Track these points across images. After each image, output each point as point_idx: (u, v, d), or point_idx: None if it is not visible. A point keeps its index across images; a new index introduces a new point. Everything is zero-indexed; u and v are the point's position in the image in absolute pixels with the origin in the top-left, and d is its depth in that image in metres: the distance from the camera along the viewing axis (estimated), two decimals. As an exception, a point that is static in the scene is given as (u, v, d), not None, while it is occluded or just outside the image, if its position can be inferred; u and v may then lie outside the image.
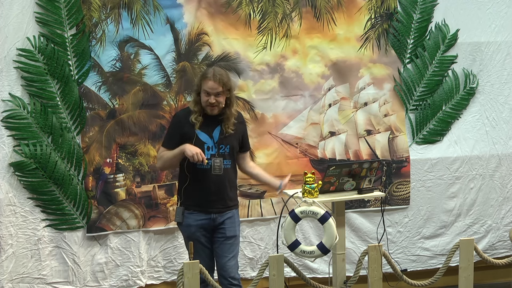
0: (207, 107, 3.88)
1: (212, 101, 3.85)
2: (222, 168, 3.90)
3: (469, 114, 5.26)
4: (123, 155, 4.66)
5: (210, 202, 3.92)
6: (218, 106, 3.89)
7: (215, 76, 3.86)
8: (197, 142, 3.88)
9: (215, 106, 3.87)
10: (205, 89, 3.86)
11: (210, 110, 3.89)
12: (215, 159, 3.89)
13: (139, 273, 4.72)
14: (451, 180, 5.23)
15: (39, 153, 4.43)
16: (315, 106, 4.99)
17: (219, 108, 3.90)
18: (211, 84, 3.85)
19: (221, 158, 3.91)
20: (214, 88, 3.85)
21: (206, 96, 3.87)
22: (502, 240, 5.35)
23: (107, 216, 4.64)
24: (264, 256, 4.93)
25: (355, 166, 3.97)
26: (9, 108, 4.40)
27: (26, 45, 4.40)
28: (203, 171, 3.89)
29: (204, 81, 3.88)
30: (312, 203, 3.80)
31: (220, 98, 3.88)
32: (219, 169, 3.89)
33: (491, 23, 5.23)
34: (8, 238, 4.45)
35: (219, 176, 3.90)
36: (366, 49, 5.04)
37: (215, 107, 3.88)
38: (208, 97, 3.86)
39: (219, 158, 3.90)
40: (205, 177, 3.89)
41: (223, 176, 3.92)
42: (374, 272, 3.95)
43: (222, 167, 3.90)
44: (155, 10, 4.65)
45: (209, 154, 3.90)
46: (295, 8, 4.88)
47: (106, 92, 4.62)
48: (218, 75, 3.87)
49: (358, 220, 5.09)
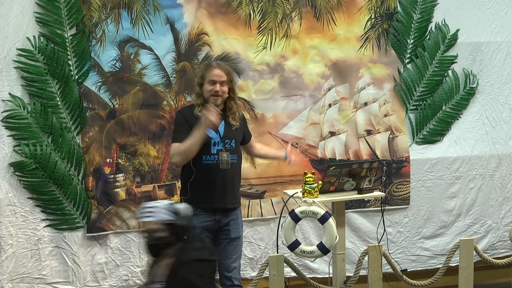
0: (211, 97, 3.88)
1: (217, 89, 3.86)
2: (229, 163, 3.89)
3: (469, 114, 5.26)
4: (123, 155, 4.66)
5: (217, 198, 3.90)
6: (222, 96, 3.89)
7: (219, 65, 3.94)
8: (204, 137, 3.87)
9: (219, 95, 3.88)
10: (211, 78, 3.88)
11: (214, 100, 3.87)
12: (223, 153, 3.89)
13: (139, 273, 4.72)
14: (451, 180, 5.23)
15: (39, 153, 4.43)
16: (315, 106, 4.99)
17: (223, 98, 3.90)
18: (217, 72, 3.88)
19: (228, 153, 3.91)
20: (220, 75, 3.87)
21: (211, 85, 3.87)
22: (502, 240, 5.35)
23: (107, 216, 4.64)
24: (264, 256, 4.93)
25: (355, 166, 3.97)
26: (9, 108, 4.40)
27: (26, 45, 4.40)
28: (210, 166, 3.87)
29: (208, 70, 3.91)
30: (312, 203, 3.80)
31: (225, 87, 3.89)
32: (227, 163, 3.88)
33: (491, 23, 5.23)
34: (8, 238, 4.45)
35: (226, 171, 3.89)
36: (366, 49, 5.04)
37: (219, 97, 3.88)
38: (213, 85, 3.87)
39: (226, 152, 3.90)
40: (212, 172, 3.88)
41: (229, 171, 3.91)
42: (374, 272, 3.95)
43: (229, 162, 3.89)
44: (155, 10, 4.66)
45: (216, 149, 3.89)
46: (295, 8, 4.88)
47: (106, 92, 4.62)
48: (222, 64, 3.97)
49: (358, 220, 5.09)
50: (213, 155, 3.87)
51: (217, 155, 3.87)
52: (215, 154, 3.87)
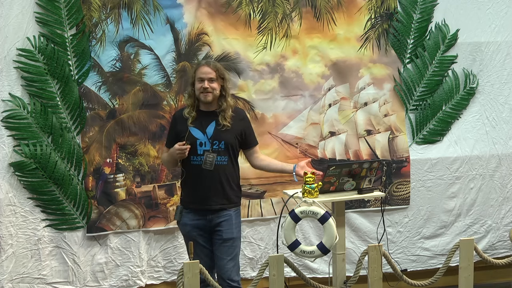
0: (201, 94, 3.89)
1: (205, 86, 3.86)
2: (213, 164, 3.87)
3: (469, 114, 5.26)
4: (123, 155, 4.66)
5: (205, 199, 3.91)
6: (213, 92, 3.89)
7: (208, 62, 3.97)
8: (189, 138, 3.88)
9: (209, 92, 3.87)
10: (199, 75, 3.90)
11: (204, 97, 3.88)
12: (208, 154, 3.88)
13: (139, 273, 4.72)
14: (451, 180, 5.23)
15: (39, 153, 4.43)
16: (315, 106, 4.99)
17: (213, 95, 3.89)
18: (204, 69, 3.90)
19: (215, 154, 3.89)
20: (207, 72, 3.88)
21: (200, 82, 3.89)
22: (502, 240, 5.35)
23: (107, 216, 4.64)
24: (264, 256, 4.93)
25: (355, 166, 3.97)
26: (9, 108, 4.40)
27: (26, 45, 4.40)
28: (196, 166, 3.89)
29: (198, 69, 3.94)
30: (312, 203, 3.80)
31: (214, 84, 3.89)
32: (210, 164, 3.88)
33: (491, 23, 5.23)
34: (8, 238, 4.45)
35: (213, 172, 3.89)
36: (366, 49, 5.04)
37: (209, 93, 3.88)
38: (202, 83, 3.88)
39: (212, 153, 3.90)
40: (198, 172, 3.89)
41: (217, 173, 3.90)
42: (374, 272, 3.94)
43: (213, 163, 3.87)
44: (155, 10, 4.65)
45: (202, 150, 3.90)
46: (295, 8, 4.88)
47: (106, 92, 4.62)
48: (211, 62, 3.99)
49: (358, 220, 5.09)
50: (199, 155, 3.89)
51: (203, 156, 3.89)
52: (202, 155, 3.89)
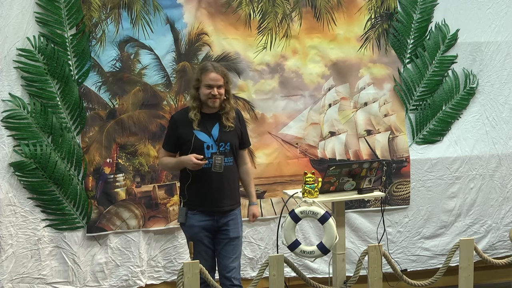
0: (209, 100, 3.88)
1: (215, 93, 3.87)
2: (222, 166, 3.89)
3: (469, 114, 5.26)
4: (123, 155, 4.66)
5: (213, 201, 3.91)
6: (220, 98, 3.90)
7: (216, 68, 3.92)
8: (196, 143, 3.88)
9: (217, 98, 3.89)
10: (207, 82, 3.87)
11: (212, 103, 3.89)
12: (217, 157, 3.89)
13: (139, 273, 4.72)
14: (451, 180, 5.23)
15: (39, 153, 4.43)
16: (315, 106, 4.99)
17: (220, 100, 3.91)
18: (213, 76, 3.87)
19: (222, 156, 3.91)
20: (217, 79, 3.87)
21: (208, 88, 3.88)
22: (502, 240, 5.35)
23: (107, 216, 4.64)
24: (264, 256, 4.93)
25: (355, 166, 3.97)
26: (9, 108, 4.40)
27: (26, 45, 4.40)
28: (205, 170, 3.88)
29: (205, 74, 3.89)
30: (312, 203, 3.80)
31: (222, 90, 3.90)
32: (220, 166, 3.89)
33: (491, 23, 5.23)
34: (8, 238, 4.44)
35: (221, 174, 3.90)
36: (366, 49, 5.04)
37: (217, 99, 3.89)
38: (211, 89, 3.87)
39: (220, 156, 3.90)
40: (207, 175, 3.89)
41: (224, 174, 3.91)
42: (374, 272, 3.95)
43: (222, 165, 3.89)
44: (155, 10, 4.65)
45: (210, 153, 3.90)
46: (295, 8, 4.88)
47: (106, 92, 4.62)
48: (218, 67, 3.94)
49: (358, 220, 5.09)
50: (207, 158, 3.88)
51: (211, 159, 3.88)
52: (210, 157, 3.88)
